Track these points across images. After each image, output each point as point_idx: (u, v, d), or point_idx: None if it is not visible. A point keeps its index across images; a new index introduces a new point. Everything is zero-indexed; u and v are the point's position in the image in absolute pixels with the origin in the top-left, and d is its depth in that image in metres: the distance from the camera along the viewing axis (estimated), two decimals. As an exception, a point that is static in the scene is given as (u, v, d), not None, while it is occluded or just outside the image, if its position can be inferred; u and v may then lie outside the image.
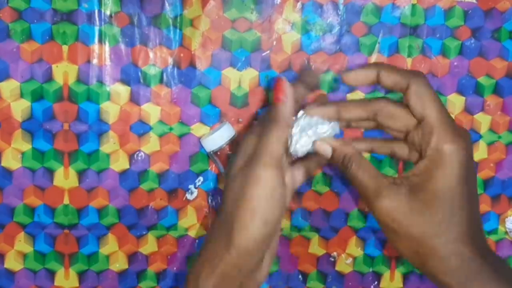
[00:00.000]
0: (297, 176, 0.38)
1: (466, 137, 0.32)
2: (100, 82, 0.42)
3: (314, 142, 0.36)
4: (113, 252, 0.45)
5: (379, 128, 0.36)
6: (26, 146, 0.43)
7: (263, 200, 0.33)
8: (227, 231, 0.34)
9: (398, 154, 0.36)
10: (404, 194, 0.32)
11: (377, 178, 0.34)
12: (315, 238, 0.46)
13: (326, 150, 0.36)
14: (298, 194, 0.45)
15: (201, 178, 0.44)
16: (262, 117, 0.36)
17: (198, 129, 0.43)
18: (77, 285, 0.45)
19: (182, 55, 0.42)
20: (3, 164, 0.43)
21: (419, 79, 0.33)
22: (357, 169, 0.34)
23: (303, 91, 0.36)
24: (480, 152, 0.45)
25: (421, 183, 0.32)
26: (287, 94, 0.34)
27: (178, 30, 0.42)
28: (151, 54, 0.42)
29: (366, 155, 0.44)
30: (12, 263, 0.44)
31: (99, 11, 0.42)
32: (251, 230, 0.33)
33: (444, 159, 0.32)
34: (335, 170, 0.45)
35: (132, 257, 0.45)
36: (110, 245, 0.44)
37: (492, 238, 0.46)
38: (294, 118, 0.36)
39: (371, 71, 0.35)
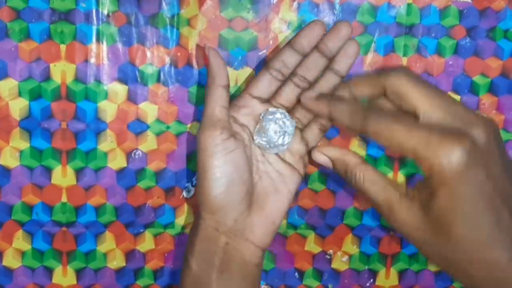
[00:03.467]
0: (309, 136, 0.39)
1: (467, 132, 0.27)
2: (98, 81, 0.43)
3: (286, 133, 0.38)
4: (111, 250, 0.45)
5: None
6: (24, 145, 0.43)
7: (207, 160, 0.35)
8: (197, 200, 0.37)
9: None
10: (417, 209, 0.29)
11: (387, 191, 0.31)
12: (311, 236, 0.46)
13: (325, 162, 0.36)
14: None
15: (198, 176, 0.45)
16: None
17: (195, 127, 0.44)
18: (75, 282, 0.45)
19: (179, 54, 0.43)
20: (1, 162, 0.43)
21: (393, 76, 0.31)
22: (362, 181, 0.32)
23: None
24: (475, 150, 0.45)
25: (429, 199, 0.29)
26: (210, 57, 0.37)
27: (175, 30, 0.42)
28: (148, 53, 0.43)
29: (362, 153, 0.44)
30: (10, 260, 0.44)
31: (97, 11, 0.42)
32: (207, 191, 0.36)
33: (440, 178, 0.27)
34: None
35: (129, 254, 0.45)
36: (107, 243, 0.45)
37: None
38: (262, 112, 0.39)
39: (343, 90, 0.35)
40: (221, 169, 0.35)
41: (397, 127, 0.29)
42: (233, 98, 0.40)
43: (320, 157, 0.37)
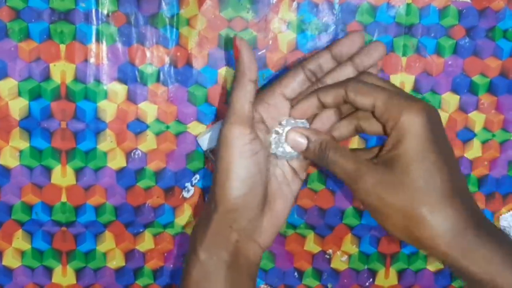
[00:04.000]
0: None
1: (422, 103, 0.33)
2: (97, 81, 0.43)
3: (287, 138, 0.37)
4: (110, 250, 0.45)
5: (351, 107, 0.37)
6: (24, 145, 0.43)
7: (234, 159, 0.35)
8: (212, 193, 0.36)
9: (369, 130, 0.37)
10: (382, 170, 0.33)
11: (356, 161, 0.34)
12: (310, 235, 0.46)
13: (300, 142, 0.37)
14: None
15: (197, 176, 0.45)
16: None
17: (194, 127, 0.44)
18: (75, 282, 0.45)
19: (178, 54, 0.43)
20: (1, 162, 0.43)
21: (351, 81, 0.35)
22: (334, 154, 0.35)
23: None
24: (474, 150, 0.46)
25: (394, 157, 0.33)
26: (241, 50, 0.35)
27: (174, 29, 0.42)
28: (148, 53, 0.43)
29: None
30: (10, 260, 0.45)
31: (96, 11, 0.42)
32: (229, 190, 0.35)
33: (405, 129, 0.32)
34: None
35: (129, 254, 0.45)
36: (107, 243, 0.45)
37: (486, 236, 0.47)
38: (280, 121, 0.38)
39: (312, 99, 0.37)
40: (247, 170, 0.35)
41: (372, 90, 0.34)
42: (261, 91, 0.38)
43: (296, 138, 0.37)
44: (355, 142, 0.45)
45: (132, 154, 0.44)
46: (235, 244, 0.36)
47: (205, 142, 0.42)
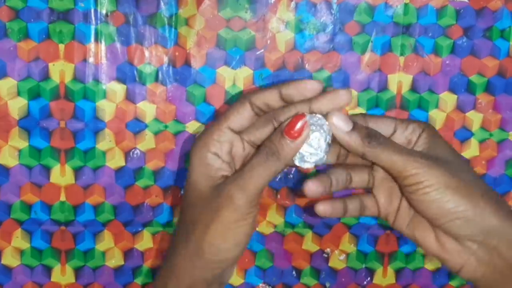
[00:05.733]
0: None
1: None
2: (96, 80, 0.43)
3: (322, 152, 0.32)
4: (109, 249, 0.45)
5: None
6: (23, 144, 0.43)
7: (237, 224, 0.32)
8: (196, 249, 0.33)
9: (368, 209, 0.37)
10: (438, 165, 0.32)
11: (410, 152, 0.33)
12: (308, 234, 0.46)
13: (344, 126, 0.32)
14: (291, 191, 0.45)
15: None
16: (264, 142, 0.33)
17: (193, 127, 0.44)
18: (74, 281, 0.45)
19: (177, 53, 0.43)
20: (0, 161, 0.43)
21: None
22: (385, 140, 0.33)
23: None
24: (471, 149, 0.46)
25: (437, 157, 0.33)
26: (303, 135, 0.31)
27: (173, 29, 0.43)
28: (146, 53, 0.43)
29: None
30: (9, 259, 0.45)
31: (95, 10, 0.42)
32: (223, 252, 0.33)
33: (431, 136, 0.33)
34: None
35: (128, 253, 0.45)
36: (106, 242, 0.45)
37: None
38: None
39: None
40: (245, 236, 0.33)
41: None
42: (209, 128, 0.34)
43: (340, 119, 0.33)
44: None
45: (131, 153, 0.44)
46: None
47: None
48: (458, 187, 0.32)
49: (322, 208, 0.35)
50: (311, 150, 0.32)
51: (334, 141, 0.33)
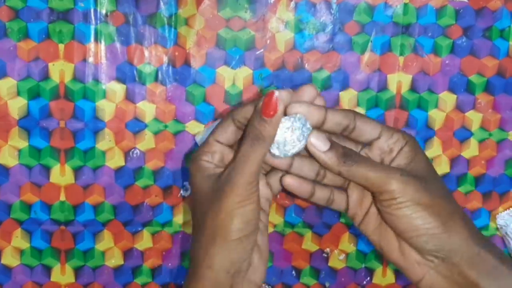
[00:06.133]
0: (274, 183, 0.38)
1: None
2: (96, 80, 0.43)
3: (303, 140, 0.33)
4: (109, 248, 0.45)
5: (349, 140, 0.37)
6: (23, 144, 0.43)
7: (241, 204, 0.33)
8: (208, 237, 0.34)
9: (336, 203, 0.38)
10: (412, 178, 0.34)
11: (383, 166, 0.34)
12: (308, 234, 0.46)
13: (321, 146, 0.34)
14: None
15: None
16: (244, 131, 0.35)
17: (192, 126, 0.44)
18: (73, 281, 0.45)
19: (177, 53, 0.43)
20: (0, 161, 0.43)
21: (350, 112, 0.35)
22: (360, 158, 0.34)
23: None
24: (471, 149, 0.46)
25: (411, 171, 0.35)
26: (278, 111, 0.32)
27: (173, 29, 0.43)
28: (146, 53, 0.43)
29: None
30: (9, 259, 0.45)
31: (95, 10, 0.42)
32: (234, 233, 0.34)
33: (415, 151, 0.35)
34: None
35: (127, 253, 0.45)
36: (105, 241, 0.45)
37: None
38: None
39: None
40: (248, 233, 0.34)
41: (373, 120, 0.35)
42: (200, 146, 0.36)
43: (318, 139, 0.34)
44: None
45: (131, 153, 0.44)
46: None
47: (203, 141, 0.42)
48: (429, 205, 0.33)
49: (289, 181, 0.37)
50: (288, 145, 0.33)
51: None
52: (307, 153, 0.35)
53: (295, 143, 0.33)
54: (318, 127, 0.34)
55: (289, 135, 0.33)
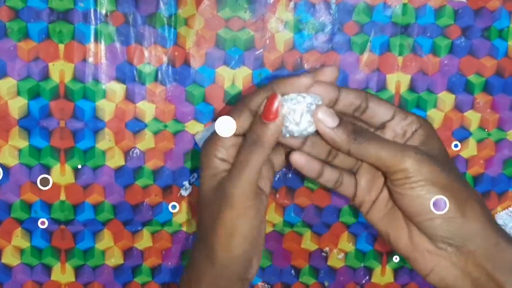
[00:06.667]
0: (277, 160, 0.36)
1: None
2: (96, 80, 0.43)
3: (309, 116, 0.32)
4: (109, 248, 0.45)
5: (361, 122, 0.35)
6: (23, 143, 0.43)
7: (239, 220, 0.32)
8: (207, 250, 0.34)
9: (344, 187, 0.36)
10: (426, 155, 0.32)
11: (397, 143, 0.32)
12: (307, 233, 0.47)
13: (330, 121, 0.32)
14: (290, 190, 0.46)
15: (195, 175, 0.45)
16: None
17: (192, 126, 0.44)
18: (73, 280, 0.46)
19: (176, 53, 0.43)
20: (0, 160, 0.43)
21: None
22: (373, 135, 0.32)
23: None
24: (469, 149, 0.46)
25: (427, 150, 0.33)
26: (279, 114, 0.31)
27: (172, 29, 0.43)
28: (146, 53, 0.43)
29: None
30: (9, 258, 0.45)
31: (95, 10, 0.42)
32: (231, 249, 0.33)
33: (427, 134, 0.33)
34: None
35: (127, 252, 0.46)
36: (105, 241, 0.45)
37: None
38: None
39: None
40: (250, 227, 0.33)
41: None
42: (214, 137, 0.34)
43: (326, 114, 0.32)
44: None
45: (131, 153, 0.44)
46: None
47: (202, 141, 0.42)
48: (445, 185, 0.31)
49: (297, 158, 0.34)
50: (294, 126, 0.32)
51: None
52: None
53: (310, 123, 0.32)
54: (331, 106, 0.33)
55: (304, 115, 0.31)
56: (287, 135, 0.32)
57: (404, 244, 0.34)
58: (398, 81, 0.45)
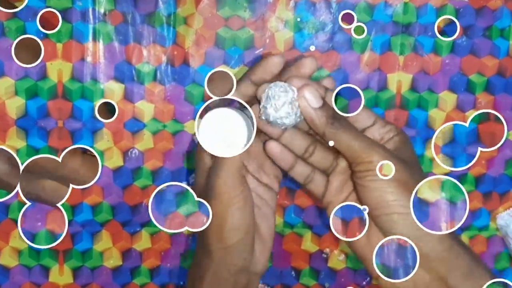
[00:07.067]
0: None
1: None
2: (94, 79, 0.43)
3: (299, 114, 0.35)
4: (107, 249, 0.45)
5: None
6: (21, 143, 0.43)
7: (227, 210, 0.34)
8: (204, 245, 0.36)
9: (313, 184, 0.38)
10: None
11: (370, 141, 0.35)
12: (307, 234, 0.46)
13: (315, 102, 0.34)
14: (290, 191, 0.45)
15: (194, 175, 0.45)
16: None
17: (191, 126, 0.44)
18: (72, 281, 0.45)
19: (175, 53, 0.43)
20: (-3, 161, 0.43)
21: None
22: (346, 122, 0.35)
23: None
24: (471, 149, 0.46)
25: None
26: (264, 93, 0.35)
27: (171, 28, 0.42)
28: (144, 52, 0.43)
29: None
30: (7, 259, 0.44)
31: (93, 9, 0.42)
32: (224, 239, 0.35)
33: (403, 142, 0.36)
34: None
35: (126, 253, 0.45)
36: (104, 242, 0.45)
37: (483, 235, 0.47)
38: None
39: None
40: (241, 217, 0.35)
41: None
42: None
43: (312, 94, 0.35)
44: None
45: (129, 153, 0.44)
46: (233, 285, 0.36)
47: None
48: (404, 182, 0.33)
49: (272, 146, 0.37)
50: (272, 110, 0.34)
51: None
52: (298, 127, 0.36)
53: (288, 114, 0.34)
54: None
55: (285, 105, 0.34)
56: (263, 118, 0.35)
57: (363, 243, 0.35)
58: (399, 80, 0.44)
